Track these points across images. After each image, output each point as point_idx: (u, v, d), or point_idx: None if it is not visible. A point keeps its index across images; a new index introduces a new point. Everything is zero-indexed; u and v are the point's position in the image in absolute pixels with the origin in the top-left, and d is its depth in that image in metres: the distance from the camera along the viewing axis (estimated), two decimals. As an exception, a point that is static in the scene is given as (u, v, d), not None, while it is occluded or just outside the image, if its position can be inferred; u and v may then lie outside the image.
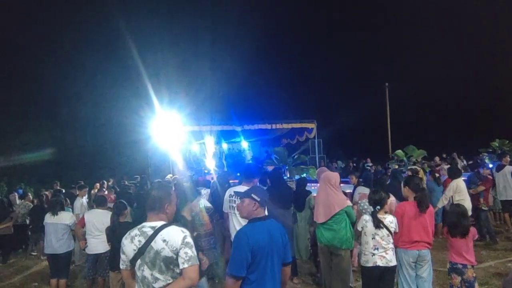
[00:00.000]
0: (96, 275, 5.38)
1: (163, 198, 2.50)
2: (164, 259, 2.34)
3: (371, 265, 4.06)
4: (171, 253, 2.33)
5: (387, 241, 4.07)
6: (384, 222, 4.08)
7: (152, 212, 2.48)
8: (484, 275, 5.70)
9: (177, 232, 2.39)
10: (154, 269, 2.35)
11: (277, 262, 2.78)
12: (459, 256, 4.04)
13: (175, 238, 2.35)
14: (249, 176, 4.42)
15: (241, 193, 2.97)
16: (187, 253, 2.33)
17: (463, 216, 4.08)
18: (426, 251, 4.16)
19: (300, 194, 6.33)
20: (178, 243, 2.33)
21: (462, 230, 4.02)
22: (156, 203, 2.48)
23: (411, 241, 4.13)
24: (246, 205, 2.86)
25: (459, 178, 7.12)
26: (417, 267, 4.19)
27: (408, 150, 10.90)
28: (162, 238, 2.35)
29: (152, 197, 2.50)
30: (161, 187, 2.63)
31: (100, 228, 5.21)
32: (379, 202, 4.14)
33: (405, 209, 4.23)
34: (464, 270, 4.01)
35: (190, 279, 2.30)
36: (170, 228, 2.41)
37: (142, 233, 2.41)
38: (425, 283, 4.17)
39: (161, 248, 2.33)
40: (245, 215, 2.88)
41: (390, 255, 4.06)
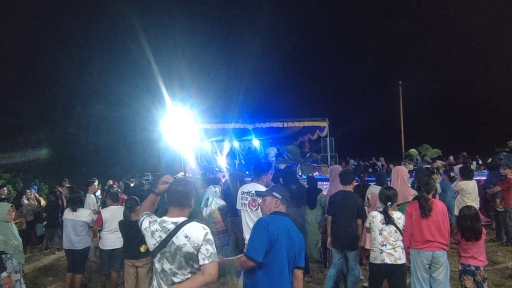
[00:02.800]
0: (110, 270, 5.45)
1: (190, 193, 2.57)
2: (185, 255, 2.37)
3: (379, 262, 4.02)
4: (193, 249, 2.36)
5: (395, 237, 4.02)
6: (393, 218, 4.05)
7: (177, 208, 2.52)
8: (500, 277, 5.61)
9: (199, 229, 2.42)
10: (174, 263, 2.39)
11: (292, 261, 2.80)
12: (472, 258, 3.99)
13: (198, 234, 2.39)
14: (259, 172, 4.42)
15: (263, 192, 3.01)
16: (208, 250, 2.36)
17: (475, 219, 4.01)
18: (441, 253, 4.06)
19: (311, 192, 6.31)
20: (200, 239, 2.37)
21: (476, 233, 3.96)
22: (182, 199, 2.53)
23: (424, 241, 4.06)
24: (268, 203, 2.93)
25: (469, 179, 7.04)
26: (432, 269, 4.11)
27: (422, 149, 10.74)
28: (184, 234, 2.38)
29: (179, 192, 2.54)
30: (187, 183, 2.70)
31: (116, 224, 5.27)
32: (391, 198, 4.10)
33: (412, 209, 4.19)
34: (476, 271, 3.97)
35: (210, 275, 2.33)
36: (192, 224, 2.45)
37: (163, 228, 2.45)
38: (440, 286, 4.08)
39: (183, 244, 2.37)
40: (267, 213, 2.93)
41: (399, 252, 4.01)
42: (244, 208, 4.36)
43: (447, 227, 4.18)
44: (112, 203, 5.64)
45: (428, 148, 10.45)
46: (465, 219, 4.03)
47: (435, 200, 4.27)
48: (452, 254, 6.22)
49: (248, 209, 4.31)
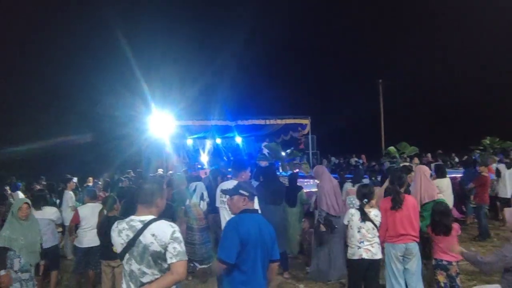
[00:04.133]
0: (87, 268, 5.38)
1: (155, 192, 2.51)
2: (153, 254, 2.34)
3: (357, 257, 4.11)
4: (160, 247, 2.33)
5: (373, 234, 4.13)
6: (369, 216, 4.13)
7: (143, 206, 2.48)
8: (472, 270, 5.78)
9: (166, 227, 2.39)
10: (142, 263, 2.35)
11: (265, 256, 2.83)
12: (443, 253, 4.11)
13: (164, 232, 2.36)
14: (238, 169, 4.43)
15: (229, 191, 3.00)
16: (176, 248, 2.33)
17: (444, 214, 4.13)
18: (413, 244, 4.20)
19: (292, 190, 6.37)
20: (167, 238, 2.34)
21: (445, 228, 4.08)
22: (148, 197, 2.48)
23: (397, 235, 4.19)
24: (236, 202, 2.91)
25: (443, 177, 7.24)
26: (405, 261, 4.24)
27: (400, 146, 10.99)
28: (151, 232, 2.35)
29: (144, 190, 2.50)
30: (154, 181, 2.67)
31: (93, 221, 5.21)
32: (367, 195, 4.18)
33: (386, 204, 4.30)
34: (449, 266, 4.08)
35: (178, 274, 2.32)
36: (159, 222, 2.41)
37: (130, 227, 2.41)
38: (413, 277, 4.22)
39: (150, 243, 2.34)
40: (235, 211, 2.91)
41: (376, 248, 4.12)
42: (223, 205, 4.37)
43: (418, 221, 4.32)
44: (89, 200, 5.57)
45: (406, 146, 10.68)
46: (435, 214, 4.17)
47: (406, 195, 4.38)
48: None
49: (227, 207, 4.32)
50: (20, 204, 4.33)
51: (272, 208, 5.54)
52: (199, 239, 5.96)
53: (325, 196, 5.44)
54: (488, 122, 22.91)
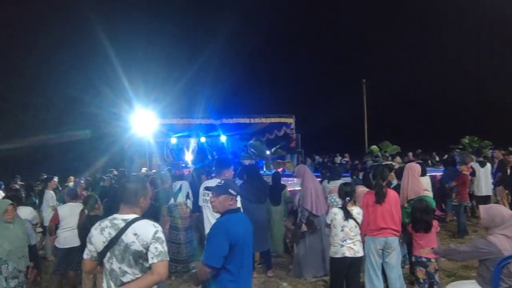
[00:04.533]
0: (67, 269, 5.28)
1: (139, 191, 2.50)
2: (134, 253, 2.33)
3: (340, 256, 4.14)
4: (141, 247, 2.32)
5: (355, 232, 4.16)
6: (352, 214, 4.17)
7: (126, 205, 2.47)
8: (452, 267, 5.90)
9: (149, 227, 2.38)
10: (123, 262, 2.34)
11: (250, 254, 2.86)
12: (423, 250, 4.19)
13: (147, 232, 2.35)
14: (221, 167, 4.41)
15: (216, 188, 2.87)
16: (157, 248, 2.32)
17: (425, 211, 4.21)
18: (393, 238, 4.29)
19: (275, 188, 6.39)
20: (149, 238, 2.33)
21: (425, 225, 4.16)
22: (131, 196, 2.47)
23: (378, 228, 4.27)
24: (223, 200, 2.82)
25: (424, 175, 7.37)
26: (385, 255, 4.32)
27: (382, 145, 11.18)
28: (133, 232, 2.34)
29: (128, 190, 2.48)
30: (137, 180, 2.65)
31: (74, 221, 5.11)
32: (349, 194, 4.21)
33: (369, 198, 4.38)
34: (428, 263, 4.16)
35: (159, 275, 2.30)
36: (142, 222, 2.40)
37: (113, 225, 2.39)
38: (393, 270, 4.31)
39: (131, 242, 2.32)
40: (221, 210, 2.84)
41: (358, 246, 4.16)
42: (206, 204, 4.35)
43: (399, 215, 4.40)
44: (69, 200, 5.46)
45: (388, 145, 10.87)
46: (416, 211, 4.25)
47: (389, 189, 4.48)
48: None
49: (210, 205, 4.29)
50: (5, 207, 4.06)
51: (255, 207, 5.55)
52: (183, 238, 5.93)
53: (309, 195, 5.46)
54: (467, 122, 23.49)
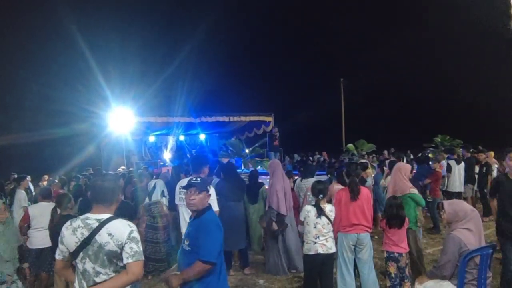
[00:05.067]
0: (39, 271, 5.17)
1: (115, 189, 2.50)
2: (108, 253, 2.31)
3: (313, 253, 4.20)
4: (116, 247, 2.31)
5: (328, 229, 4.23)
6: (325, 211, 4.22)
7: (102, 204, 2.44)
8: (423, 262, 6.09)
9: (124, 226, 2.37)
10: (97, 262, 2.32)
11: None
12: (395, 245, 4.32)
13: (121, 232, 2.33)
14: (200, 164, 4.41)
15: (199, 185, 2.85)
16: (133, 248, 2.32)
17: (400, 207, 4.37)
18: (364, 235, 4.40)
19: (253, 187, 6.43)
20: (124, 238, 2.32)
21: (400, 221, 4.30)
22: (108, 195, 2.45)
23: (350, 224, 4.37)
24: (203, 198, 2.83)
25: None
26: (357, 250, 4.43)
27: (358, 144, 11.40)
28: (108, 232, 2.32)
29: (103, 188, 2.45)
30: (113, 178, 2.63)
31: (45, 221, 4.99)
32: (322, 191, 4.27)
33: (342, 195, 4.47)
34: (399, 258, 4.30)
35: (134, 275, 2.30)
36: (116, 221, 2.38)
37: (85, 225, 2.36)
38: (365, 265, 4.42)
39: (106, 242, 2.31)
40: (200, 207, 2.81)
41: (330, 242, 4.22)
42: (182, 202, 4.35)
43: (371, 212, 4.52)
44: (42, 199, 5.33)
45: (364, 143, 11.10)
46: (392, 207, 4.38)
47: (361, 187, 4.57)
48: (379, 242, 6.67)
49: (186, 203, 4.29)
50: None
51: (232, 205, 5.58)
52: (161, 237, 5.89)
53: (275, 194, 5.50)
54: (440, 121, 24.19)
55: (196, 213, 2.82)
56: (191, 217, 2.91)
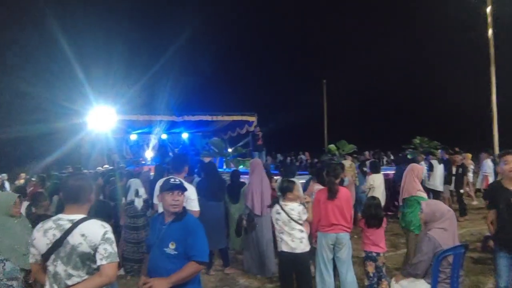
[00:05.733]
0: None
1: (87, 189, 2.42)
2: (81, 255, 2.25)
3: (280, 250, 4.19)
4: (89, 248, 2.25)
5: (290, 227, 4.04)
6: (284, 208, 4.09)
7: (74, 204, 2.38)
8: (399, 261, 6.22)
9: (98, 227, 2.31)
10: (69, 264, 2.26)
11: None
12: (374, 245, 4.39)
13: (95, 233, 2.27)
14: (182, 164, 4.38)
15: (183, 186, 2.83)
16: (107, 249, 2.25)
17: (379, 207, 4.46)
18: (343, 234, 4.43)
19: (234, 186, 6.43)
20: (98, 239, 2.26)
21: (378, 220, 4.38)
22: (80, 195, 2.38)
23: (329, 224, 4.40)
24: (183, 198, 2.81)
25: (377, 173, 7.72)
26: (336, 250, 4.46)
27: (339, 144, 11.56)
28: (81, 233, 2.26)
29: (76, 188, 2.39)
30: (84, 177, 2.55)
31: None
32: (284, 189, 4.20)
33: (321, 195, 4.52)
34: (377, 257, 4.38)
35: (108, 277, 2.24)
36: (90, 222, 2.32)
37: (57, 226, 2.30)
38: (344, 264, 4.45)
39: (79, 243, 2.24)
40: (181, 208, 2.76)
41: (297, 243, 4.04)
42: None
43: (350, 212, 4.54)
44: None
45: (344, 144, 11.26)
46: (370, 207, 4.46)
47: (341, 187, 4.62)
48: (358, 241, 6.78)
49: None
50: (14, 199, 3.63)
51: (213, 204, 5.58)
52: (142, 236, 5.83)
53: (251, 193, 5.52)
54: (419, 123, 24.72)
55: (175, 215, 2.73)
56: (165, 220, 2.77)
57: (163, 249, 2.63)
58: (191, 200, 4.05)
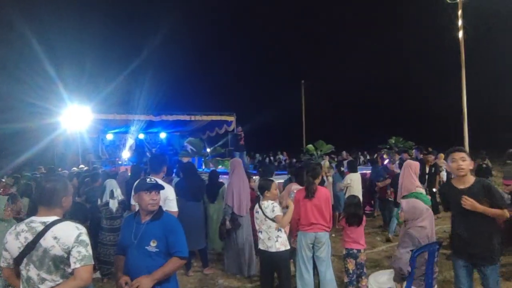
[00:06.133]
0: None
1: (60, 190, 2.35)
2: (54, 258, 2.19)
3: (258, 248, 4.27)
4: (62, 251, 2.19)
5: (267, 225, 4.07)
6: (261, 207, 4.12)
7: (46, 206, 2.31)
8: (377, 258, 6.36)
9: (71, 229, 2.24)
10: (42, 268, 2.19)
11: None
12: (354, 242, 4.49)
13: (68, 235, 2.21)
14: (160, 164, 4.31)
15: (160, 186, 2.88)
16: (81, 252, 2.19)
17: (358, 206, 4.57)
18: (322, 233, 4.48)
19: (213, 186, 6.40)
20: (71, 241, 2.20)
21: (358, 219, 4.48)
22: (52, 197, 2.31)
23: (308, 224, 4.45)
24: (160, 197, 2.85)
25: (355, 172, 7.85)
26: (315, 248, 4.51)
27: (318, 144, 11.70)
28: (53, 235, 2.19)
29: (47, 190, 2.32)
30: (57, 179, 2.46)
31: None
32: (261, 188, 4.22)
33: (300, 194, 4.57)
34: (358, 254, 4.46)
35: (82, 280, 2.19)
36: (63, 224, 2.25)
37: (30, 228, 2.23)
38: (323, 263, 4.51)
39: (51, 246, 2.18)
40: (156, 208, 2.80)
41: (272, 241, 4.04)
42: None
43: (329, 212, 4.58)
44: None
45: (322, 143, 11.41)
46: (350, 206, 4.55)
47: (320, 187, 4.66)
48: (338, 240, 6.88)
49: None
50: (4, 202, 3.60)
51: (192, 205, 5.54)
52: (114, 239, 5.70)
53: (231, 193, 5.51)
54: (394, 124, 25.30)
55: (152, 214, 2.78)
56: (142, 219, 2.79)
57: (144, 247, 2.66)
58: (170, 200, 4.02)
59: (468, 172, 3.31)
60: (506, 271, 5.30)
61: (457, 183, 3.35)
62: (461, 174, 3.29)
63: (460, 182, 3.32)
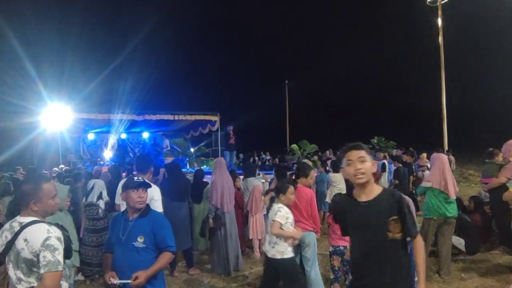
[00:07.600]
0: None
1: (29, 194, 2.24)
2: (25, 261, 2.13)
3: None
4: (31, 255, 2.11)
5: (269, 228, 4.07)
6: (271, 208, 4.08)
7: (23, 207, 2.28)
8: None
9: (41, 232, 2.13)
10: (18, 269, 2.16)
11: None
12: (341, 240, 4.49)
13: (36, 238, 2.11)
14: (145, 166, 4.26)
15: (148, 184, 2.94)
16: (46, 257, 2.08)
17: None
18: (307, 233, 4.48)
19: (197, 186, 6.38)
20: (37, 245, 2.09)
21: None
22: (22, 199, 2.26)
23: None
24: (147, 195, 2.90)
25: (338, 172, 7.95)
26: (301, 248, 4.52)
27: (301, 144, 11.79)
28: (24, 237, 2.13)
29: (19, 191, 2.30)
30: (30, 181, 2.36)
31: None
32: (277, 191, 4.17)
33: None
34: (344, 251, 4.48)
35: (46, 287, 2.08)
36: (35, 226, 2.17)
37: (10, 228, 2.22)
38: (309, 262, 4.53)
39: (21, 248, 2.12)
40: (144, 205, 2.86)
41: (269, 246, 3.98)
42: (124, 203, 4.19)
43: (314, 211, 4.61)
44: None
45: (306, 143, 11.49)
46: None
47: (302, 187, 4.63)
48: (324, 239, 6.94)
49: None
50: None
51: (177, 205, 5.50)
52: (98, 240, 5.62)
53: (215, 191, 5.51)
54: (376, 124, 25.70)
55: (140, 211, 2.83)
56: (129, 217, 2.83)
57: (131, 243, 2.71)
58: (155, 201, 3.98)
59: (371, 178, 2.27)
60: (482, 266, 5.45)
61: (357, 194, 2.31)
62: (359, 181, 2.23)
63: (361, 192, 2.29)
